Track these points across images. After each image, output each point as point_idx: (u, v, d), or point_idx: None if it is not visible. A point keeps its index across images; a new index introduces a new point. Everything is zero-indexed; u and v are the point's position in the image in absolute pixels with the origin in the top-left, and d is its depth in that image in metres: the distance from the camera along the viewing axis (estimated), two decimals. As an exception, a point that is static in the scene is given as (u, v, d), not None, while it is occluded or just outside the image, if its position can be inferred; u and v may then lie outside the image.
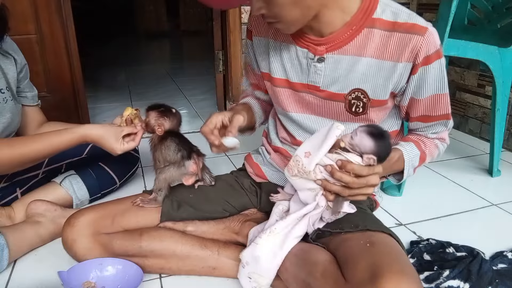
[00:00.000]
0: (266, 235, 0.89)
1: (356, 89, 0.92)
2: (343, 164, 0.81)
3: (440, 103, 0.95)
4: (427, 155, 1.01)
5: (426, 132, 1.02)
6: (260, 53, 1.05)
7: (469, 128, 2.19)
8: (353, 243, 0.85)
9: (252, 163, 1.17)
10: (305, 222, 0.89)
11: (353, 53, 0.90)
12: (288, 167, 0.89)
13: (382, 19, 0.87)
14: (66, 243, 1.00)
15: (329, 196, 0.85)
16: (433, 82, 0.91)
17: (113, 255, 1.00)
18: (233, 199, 1.12)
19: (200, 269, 1.02)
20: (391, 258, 0.78)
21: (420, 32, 0.84)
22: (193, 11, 6.43)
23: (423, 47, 0.85)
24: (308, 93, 0.98)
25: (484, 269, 1.01)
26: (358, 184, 0.82)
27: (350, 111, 0.95)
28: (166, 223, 1.04)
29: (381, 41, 0.88)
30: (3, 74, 1.16)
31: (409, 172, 0.98)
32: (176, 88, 3.27)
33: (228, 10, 2.09)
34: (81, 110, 2.13)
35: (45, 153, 1.08)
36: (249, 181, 1.16)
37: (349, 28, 0.88)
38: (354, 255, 0.81)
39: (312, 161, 0.84)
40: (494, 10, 1.59)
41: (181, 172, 1.04)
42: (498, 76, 1.56)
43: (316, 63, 0.93)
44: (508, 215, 1.37)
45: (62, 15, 1.92)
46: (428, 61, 0.87)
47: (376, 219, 0.98)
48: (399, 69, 0.88)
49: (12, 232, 1.09)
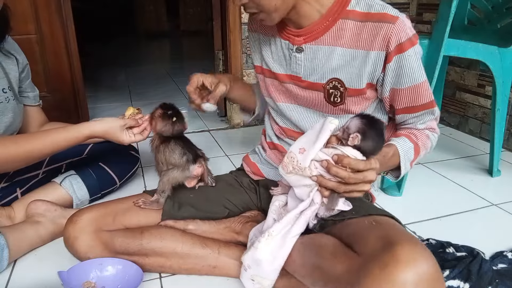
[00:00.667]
0: (264, 238, 0.88)
1: (333, 78, 0.95)
2: (339, 159, 0.81)
3: (421, 91, 0.95)
4: (421, 146, 1.00)
5: (415, 123, 1.01)
6: (254, 46, 1.11)
7: (469, 128, 2.19)
8: (358, 224, 0.85)
9: (250, 163, 1.19)
10: (303, 220, 0.89)
11: (329, 44, 0.93)
12: (283, 164, 0.89)
13: (356, 10, 0.90)
14: (67, 240, 1.00)
15: (324, 192, 0.85)
16: (410, 70, 0.91)
17: (114, 252, 1.00)
18: (233, 197, 1.13)
19: (200, 267, 1.02)
20: (400, 231, 0.79)
21: (391, 20, 0.86)
22: (193, 11, 6.43)
23: (394, 34, 0.86)
24: (292, 84, 1.02)
25: (484, 269, 1.01)
26: (354, 180, 0.81)
27: (328, 101, 0.97)
28: (168, 221, 1.05)
29: (355, 31, 0.90)
30: (5, 74, 1.16)
31: (406, 166, 0.98)
32: (176, 88, 3.28)
33: (228, 10, 2.09)
34: (81, 110, 2.13)
35: (50, 150, 1.07)
36: (247, 179, 1.17)
37: (325, 20, 0.92)
38: (362, 231, 0.81)
39: (307, 157, 0.83)
40: (494, 10, 1.59)
41: (185, 175, 1.05)
42: (498, 76, 1.56)
43: (296, 53, 0.97)
44: (508, 215, 1.37)
45: (62, 15, 1.93)
46: (402, 49, 0.88)
47: (372, 204, 0.99)
48: (372, 57, 0.90)
49: (12, 232, 1.09)
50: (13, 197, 1.25)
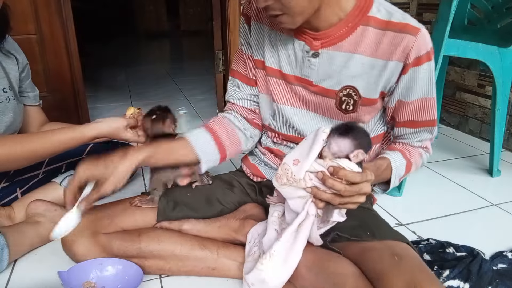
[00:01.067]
0: (266, 260, 0.86)
1: (348, 86, 0.93)
2: (335, 171, 0.79)
3: (427, 107, 0.95)
4: (413, 164, 1.00)
5: (412, 139, 1.01)
6: (258, 39, 1.03)
7: (469, 128, 2.19)
8: (378, 255, 0.83)
9: (249, 164, 1.17)
10: (303, 236, 0.86)
11: (347, 50, 0.90)
12: (277, 176, 0.87)
13: (376, 17, 0.88)
14: (65, 244, 1.00)
15: (319, 203, 0.83)
16: (422, 84, 0.91)
17: (112, 256, 1.00)
18: (231, 196, 1.11)
19: (199, 269, 1.02)
20: (424, 274, 0.77)
21: (413, 32, 0.85)
22: (193, 11, 6.43)
23: (415, 47, 0.86)
24: (300, 86, 0.98)
25: (484, 269, 1.01)
26: (350, 192, 0.79)
27: (340, 108, 0.95)
28: (163, 223, 1.04)
29: (375, 39, 0.88)
30: (5, 73, 1.16)
31: (395, 182, 0.98)
32: (176, 88, 3.28)
33: (228, 10, 2.09)
34: (81, 110, 2.13)
35: (55, 150, 1.08)
36: (246, 180, 1.16)
37: (345, 25, 0.89)
38: (386, 270, 0.79)
39: (302, 168, 0.82)
40: (494, 10, 1.59)
41: (176, 174, 1.05)
42: (498, 76, 1.56)
43: (311, 57, 0.93)
44: (508, 215, 1.37)
45: (62, 15, 1.92)
46: (419, 62, 0.87)
47: (386, 223, 0.99)
48: (390, 67, 0.89)
49: (12, 232, 1.09)
50: (13, 197, 1.25)
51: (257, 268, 0.87)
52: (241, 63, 1.09)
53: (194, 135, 1.02)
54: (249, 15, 1.04)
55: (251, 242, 1.00)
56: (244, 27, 1.06)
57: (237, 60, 1.11)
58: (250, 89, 1.08)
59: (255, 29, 1.03)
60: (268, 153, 1.11)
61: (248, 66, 1.07)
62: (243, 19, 1.06)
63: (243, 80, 1.09)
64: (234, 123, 1.08)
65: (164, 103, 1.11)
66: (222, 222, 1.08)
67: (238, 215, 1.09)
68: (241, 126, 1.08)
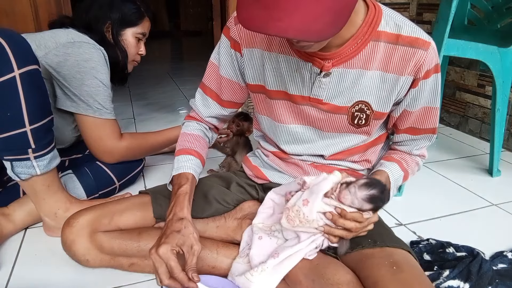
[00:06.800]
0: (258, 273, 0.87)
1: (360, 101, 0.92)
2: (342, 213, 0.84)
3: (430, 116, 0.96)
4: (409, 173, 1.04)
5: (410, 146, 1.02)
6: (252, 65, 0.99)
7: (469, 128, 2.19)
8: (376, 263, 0.84)
9: (251, 166, 1.16)
10: (299, 257, 0.89)
11: (359, 67, 0.88)
12: (288, 219, 0.89)
13: (386, 31, 0.86)
14: (65, 243, 1.00)
15: (333, 239, 0.88)
16: (427, 95, 0.92)
17: (112, 255, 1.00)
18: (231, 195, 1.11)
19: (199, 268, 1.02)
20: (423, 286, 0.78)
21: (424, 46, 0.85)
22: (193, 11, 6.45)
23: (426, 61, 0.85)
24: (309, 106, 0.96)
25: (484, 269, 1.01)
26: (360, 228, 0.86)
27: (352, 123, 0.95)
28: (161, 223, 1.04)
29: (386, 54, 0.87)
30: None
31: (393, 192, 1.00)
32: (176, 88, 3.27)
33: (228, 10, 2.09)
34: (81, 110, 2.13)
35: (164, 145, 1.53)
36: (246, 180, 1.16)
37: (355, 42, 0.85)
38: (384, 281, 0.78)
39: (313, 209, 0.84)
40: (494, 10, 1.59)
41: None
42: (498, 76, 1.56)
43: (322, 78, 0.90)
44: (508, 215, 1.37)
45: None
46: (428, 75, 0.88)
47: (388, 228, 0.99)
48: (401, 82, 0.89)
49: None
50: (15, 196, 1.25)
51: (247, 277, 0.89)
52: (214, 82, 1.07)
53: (196, 169, 1.02)
54: (238, 41, 0.98)
55: (245, 241, 1.01)
56: (230, 52, 1.00)
57: (210, 77, 1.07)
58: (221, 109, 1.09)
59: (248, 56, 0.98)
60: (272, 155, 1.11)
61: (224, 89, 1.06)
62: (228, 43, 1.00)
63: (215, 99, 1.08)
64: (206, 135, 1.12)
65: (164, 103, 1.11)
66: (221, 222, 1.08)
67: (236, 214, 1.09)
68: (209, 135, 1.14)
